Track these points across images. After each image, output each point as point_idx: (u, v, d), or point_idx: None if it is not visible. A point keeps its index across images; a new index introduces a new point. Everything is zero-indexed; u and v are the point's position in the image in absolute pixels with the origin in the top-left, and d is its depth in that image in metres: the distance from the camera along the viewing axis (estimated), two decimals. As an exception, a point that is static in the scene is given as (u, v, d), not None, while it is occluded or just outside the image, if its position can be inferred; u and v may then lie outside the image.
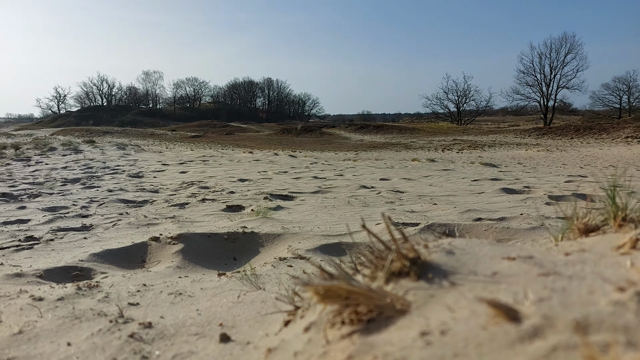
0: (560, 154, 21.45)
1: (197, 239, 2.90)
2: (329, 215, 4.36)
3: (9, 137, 37.90)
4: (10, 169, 11.65)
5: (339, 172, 10.42)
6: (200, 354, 0.95)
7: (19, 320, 1.26)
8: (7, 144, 20.92)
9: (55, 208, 5.36)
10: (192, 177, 9.49)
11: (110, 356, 0.98)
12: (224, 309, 1.30)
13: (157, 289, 1.70)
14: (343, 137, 38.92)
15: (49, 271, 2.23)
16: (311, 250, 2.59)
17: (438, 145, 28.81)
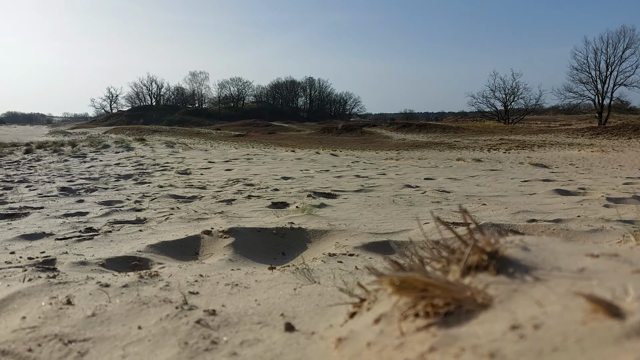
0: (616, 154, 20.26)
1: (247, 234, 2.96)
2: (374, 213, 4.33)
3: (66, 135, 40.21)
4: (68, 165, 12.35)
5: (381, 171, 10.33)
6: (267, 342, 0.97)
7: (91, 304, 1.32)
8: (65, 141, 22.20)
9: (110, 202, 5.62)
10: (237, 174, 9.70)
11: (180, 340, 1.01)
12: (282, 301, 1.32)
13: (213, 280, 1.75)
14: (384, 136, 38.55)
15: (110, 260, 2.34)
16: (359, 248, 2.58)
17: (484, 144, 27.95)
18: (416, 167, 11.88)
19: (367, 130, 41.92)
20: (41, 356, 1.00)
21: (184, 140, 27.85)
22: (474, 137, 34.28)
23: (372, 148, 27.20)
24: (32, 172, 10.25)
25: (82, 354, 1.00)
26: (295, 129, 53.53)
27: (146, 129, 44.28)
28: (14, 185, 7.81)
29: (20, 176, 9.38)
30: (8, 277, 1.83)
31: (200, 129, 49.71)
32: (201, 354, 0.93)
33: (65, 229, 3.72)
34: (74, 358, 0.99)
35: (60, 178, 8.98)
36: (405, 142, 32.13)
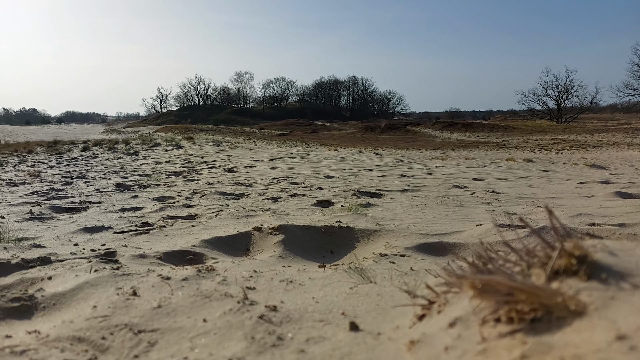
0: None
1: (296, 231, 2.98)
2: (422, 214, 4.24)
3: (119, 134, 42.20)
4: (122, 162, 12.94)
5: (427, 171, 10.13)
6: (332, 340, 0.96)
7: (155, 296, 1.37)
8: (119, 139, 23.30)
9: (163, 198, 5.83)
10: (281, 173, 9.81)
11: (247, 334, 1.02)
12: (340, 299, 1.31)
13: (267, 276, 1.77)
14: (429, 135, 37.80)
15: (167, 254, 2.42)
16: (410, 249, 2.53)
17: (534, 144, 26.80)
18: (463, 167, 11.56)
19: (411, 129, 41.28)
20: (114, 345, 1.04)
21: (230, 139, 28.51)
22: (524, 137, 32.95)
23: (416, 147, 26.75)
24: (89, 169, 10.83)
25: (152, 344, 1.04)
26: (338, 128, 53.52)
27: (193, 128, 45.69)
28: (73, 180, 8.28)
29: (78, 172, 9.93)
30: (75, 268, 1.93)
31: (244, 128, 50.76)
32: (269, 349, 0.94)
33: (122, 223, 3.89)
34: (144, 348, 1.02)
35: (115, 174, 9.42)
36: (451, 142, 31.36)
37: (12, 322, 1.31)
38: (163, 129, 47.09)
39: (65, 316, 1.28)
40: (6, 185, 7.37)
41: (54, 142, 19.07)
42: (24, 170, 10.27)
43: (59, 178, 8.65)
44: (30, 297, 1.44)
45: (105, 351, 1.02)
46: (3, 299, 1.40)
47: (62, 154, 15.67)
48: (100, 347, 1.04)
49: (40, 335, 1.09)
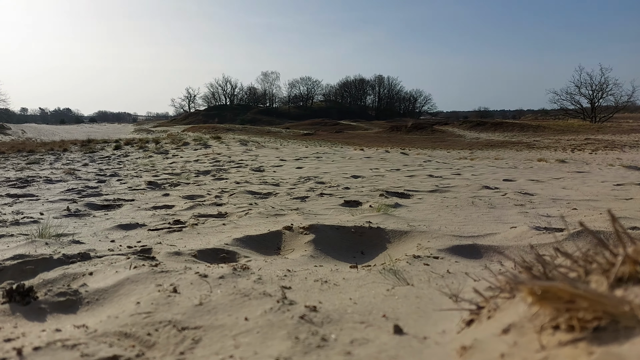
0: None
1: (326, 231, 2.97)
2: (453, 215, 4.17)
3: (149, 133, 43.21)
4: (153, 160, 13.24)
5: (455, 171, 9.97)
6: (376, 342, 0.96)
7: (195, 294, 1.39)
8: (149, 138, 23.86)
9: (193, 196, 5.93)
10: (307, 172, 9.84)
11: (290, 334, 1.03)
12: (378, 301, 1.30)
13: (301, 275, 1.77)
14: (456, 134, 37.19)
15: (201, 252, 2.46)
16: (443, 250, 2.49)
17: (567, 144, 26.01)
18: (493, 168, 11.32)
19: (438, 128, 40.71)
20: (159, 341, 1.06)
21: (256, 139, 28.77)
22: (555, 137, 32.03)
23: (443, 147, 26.36)
24: (121, 167, 11.12)
25: (196, 341, 1.05)
26: (363, 127, 53.28)
27: (221, 127, 46.33)
28: (107, 178, 8.52)
29: (111, 170, 10.22)
30: (114, 264, 1.98)
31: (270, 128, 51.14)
32: (314, 350, 0.94)
33: (156, 220, 3.97)
34: (189, 344, 1.04)
35: (146, 173, 9.64)
36: (479, 141, 30.77)
37: (59, 316, 1.35)
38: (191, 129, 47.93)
39: (110, 311, 1.31)
40: (44, 183, 7.65)
41: (87, 141, 19.68)
42: (60, 168, 10.64)
43: (93, 176, 8.92)
44: (75, 292, 1.49)
45: (152, 347, 1.04)
46: (50, 293, 1.46)
47: (95, 152, 16.16)
48: (147, 342, 1.06)
49: (89, 330, 1.13)
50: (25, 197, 5.86)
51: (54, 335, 1.09)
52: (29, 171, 9.98)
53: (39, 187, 7.00)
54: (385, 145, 25.27)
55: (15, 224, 3.78)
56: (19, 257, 2.33)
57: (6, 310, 1.34)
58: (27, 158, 13.84)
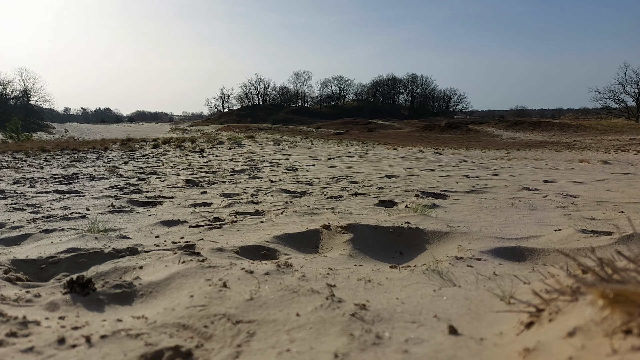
0: None
1: (364, 230, 2.98)
2: (493, 216, 4.08)
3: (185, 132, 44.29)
4: (189, 159, 13.57)
5: (492, 172, 9.73)
6: (431, 342, 0.96)
7: (244, 289, 1.43)
8: (185, 138, 24.45)
9: (230, 194, 6.05)
10: (340, 172, 9.85)
11: (343, 330, 1.04)
12: (425, 301, 1.29)
13: (343, 274, 1.78)
14: (492, 134, 36.30)
15: (242, 248, 2.51)
16: (485, 252, 2.45)
17: (610, 145, 24.92)
18: (532, 168, 10.99)
19: (472, 127, 39.86)
20: (216, 333, 1.10)
21: (288, 138, 29.01)
22: (597, 137, 30.75)
23: (478, 147, 25.78)
24: (159, 165, 11.46)
25: (251, 334, 1.08)
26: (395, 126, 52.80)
27: (253, 127, 46.95)
28: (146, 176, 8.80)
29: (150, 168, 10.54)
30: (162, 259, 2.05)
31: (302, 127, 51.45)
32: (370, 347, 0.95)
33: (196, 217, 4.08)
34: (245, 338, 1.07)
35: (184, 171, 9.90)
36: (516, 141, 29.93)
37: (116, 307, 1.42)
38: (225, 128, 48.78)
39: (164, 304, 1.37)
40: (88, 180, 7.98)
41: (127, 139, 20.36)
42: (102, 166, 11.07)
43: (133, 174, 9.24)
44: (130, 284, 1.56)
45: (209, 339, 1.08)
46: (107, 285, 1.53)
47: (134, 151, 16.71)
48: (204, 334, 1.10)
49: (148, 321, 1.18)
50: (72, 194, 6.13)
51: (117, 325, 1.15)
52: (73, 169, 10.43)
53: (84, 184, 7.31)
54: (418, 145, 24.96)
55: (64, 219, 3.96)
56: (72, 250, 2.44)
57: (68, 300, 1.41)
58: (70, 156, 14.46)
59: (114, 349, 0.99)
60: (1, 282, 1.88)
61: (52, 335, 1.05)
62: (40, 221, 3.85)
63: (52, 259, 2.27)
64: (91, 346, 1.01)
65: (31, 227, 3.54)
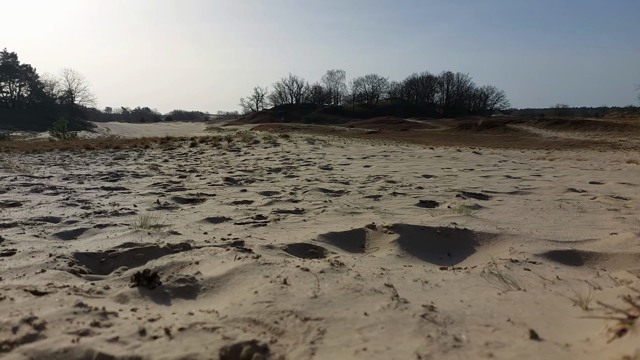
0: None
1: (411, 231, 2.95)
2: (541, 218, 3.96)
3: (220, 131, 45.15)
4: (227, 158, 13.82)
5: (535, 172, 9.43)
6: (513, 347, 0.94)
7: (304, 286, 1.44)
8: (222, 137, 24.92)
9: (269, 193, 6.12)
10: (376, 171, 9.78)
11: (417, 332, 1.04)
12: (493, 304, 1.27)
13: (397, 274, 1.77)
14: (531, 133, 35.18)
15: (290, 246, 2.54)
16: (540, 256, 2.37)
17: (660, 145, 23.66)
18: (576, 169, 10.58)
19: (511, 127, 38.76)
20: (287, 329, 1.12)
21: (321, 137, 29.07)
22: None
23: (517, 146, 25.04)
24: (198, 164, 11.72)
25: (322, 331, 1.09)
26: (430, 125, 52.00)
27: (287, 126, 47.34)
28: (187, 174, 9.02)
29: (190, 166, 10.80)
30: (217, 255, 2.10)
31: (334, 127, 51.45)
32: (452, 349, 0.94)
33: (239, 215, 4.15)
34: (316, 335, 1.08)
35: (222, 169, 10.09)
36: (557, 141, 28.89)
37: (181, 301, 1.47)
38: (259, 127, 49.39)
39: (228, 298, 1.40)
40: (132, 177, 8.26)
41: (166, 138, 20.95)
42: (144, 164, 11.43)
43: (174, 171, 9.49)
44: (192, 279, 1.60)
45: (282, 335, 1.09)
46: (171, 280, 1.58)
47: (173, 149, 17.17)
48: (276, 330, 1.12)
49: (219, 315, 1.21)
50: (118, 190, 6.36)
51: (190, 319, 1.18)
52: (117, 166, 10.82)
53: (129, 181, 7.57)
54: (454, 144, 24.48)
55: (115, 215, 4.12)
56: (128, 245, 2.54)
57: (136, 292, 1.47)
58: (113, 154, 15.01)
59: (193, 342, 1.02)
60: (67, 274, 1.97)
61: (132, 326, 1.10)
62: (92, 216, 4.01)
63: (110, 252, 2.37)
64: (171, 338, 1.04)
65: (85, 222, 3.69)
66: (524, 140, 30.38)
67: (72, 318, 1.12)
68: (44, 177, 7.96)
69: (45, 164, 11.08)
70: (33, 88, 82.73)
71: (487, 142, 28.29)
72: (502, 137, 32.53)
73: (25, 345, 0.97)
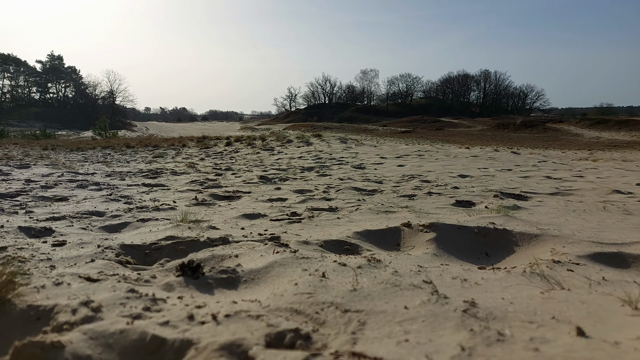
0: None
1: (447, 230, 2.91)
2: (583, 220, 3.82)
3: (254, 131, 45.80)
4: (260, 156, 14.01)
5: (576, 173, 9.08)
6: (559, 343, 0.93)
7: (343, 280, 1.47)
8: (256, 136, 25.28)
9: (302, 191, 6.17)
10: (410, 170, 9.68)
11: (459, 326, 1.04)
12: (536, 303, 1.25)
13: (435, 272, 1.76)
14: (572, 133, 33.88)
15: (326, 242, 2.56)
16: (584, 257, 2.30)
17: None
18: (620, 170, 10.11)
19: (550, 126, 37.47)
20: (328, 319, 1.14)
21: (353, 137, 29.00)
22: (699, 136, 27.65)
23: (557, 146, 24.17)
24: (233, 162, 11.94)
25: (362, 323, 1.11)
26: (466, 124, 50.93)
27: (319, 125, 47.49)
28: (222, 172, 9.22)
29: (225, 165, 11.03)
30: (255, 249, 2.15)
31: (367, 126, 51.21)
32: (495, 343, 0.94)
33: (274, 212, 4.21)
34: (357, 326, 1.10)
35: (256, 168, 10.24)
36: (600, 141, 27.69)
37: (224, 291, 1.52)
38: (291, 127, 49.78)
39: (269, 290, 1.44)
40: (170, 175, 8.52)
41: (202, 137, 21.44)
42: (181, 162, 11.76)
43: (210, 169, 9.72)
44: (233, 270, 1.65)
45: (323, 324, 1.12)
46: (213, 271, 1.64)
47: (209, 148, 17.56)
48: (317, 320, 1.14)
49: (262, 304, 1.25)
50: (158, 187, 6.58)
51: (234, 307, 1.23)
52: (156, 164, 11.17)
53: (168, 178, 7.81)
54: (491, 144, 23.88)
55: (156, 210, 4.27)
56: (170, 238, 2.63)
57: (181, 282, 1.53)
58: (152, 152, 15.49)
59: (239, 328, 1.06)
60: (115, 264, 2.07)
61: (181, 312, 1.15)
62: (135, 211, 4.17)
63: (154, 245, 2.47)
64: (218, 324, 1.09)
65: (128, 216, 3.85)
66: (565, 140, 29.30)
67: (125, 302, 1.19)
68: (88, 173, 8.33)
69: (89, 161, 11.59)
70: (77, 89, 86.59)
71: (525, 142, 27.45)
72: (541, 137, 31.49)
73: (84, 326, 1.03)
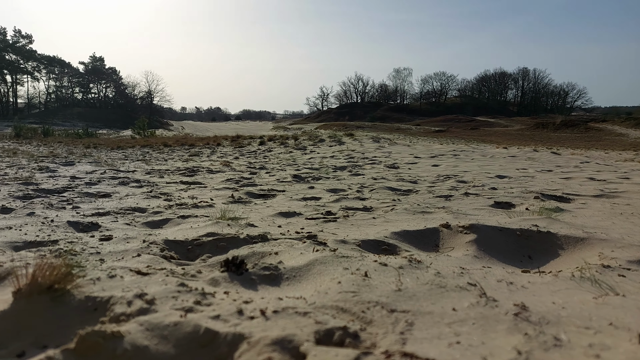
0: None
1: (488, 231, 2.85)
2: (631, 224, 3.65)
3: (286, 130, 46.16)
4: (293, 156, 14.11)
5: (622, 175, 8.68)
6: (621, 350, 0.90)
7: (385, 280, 1.46)
8: (288, 135, 25.47)
9: (336, 190, 6.18)
10: (445, 170, 9.52)
11: (512, 329, 1.02)
12: (589, 308, 1.21)
13: (478, 274, 1.73)
14: (617, 133, 32.40)
15: (363, 242, 2.56)
16: (635, 262, 2.20)
17: None
18: (672, 172, 9.59)
19: (593, 126, 35.97)
20: (375, 319, 1.15)
21: (386, 136, 28.75)
22: None
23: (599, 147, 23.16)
24: (267, 161, 12.09)
25: (410, 323, 1.11)
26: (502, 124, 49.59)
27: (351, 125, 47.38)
28: (257, 171, 9.34)
29: (259, 164, 11.17)
30: (294, 246, 2.17)
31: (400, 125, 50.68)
32: (553, 348, 0.92)
33: (309, 210, 4.24)
34: (405, 326, 1.10)
35: (289, 167, 10.33)
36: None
37: (267, 287, 1.54)
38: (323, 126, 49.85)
39: (312, 287, 1.45)
40: (206, 173, 8.71)
41: (236, 136, 21.80)
42: (216, 160, 11.99)
43: (245, 168, 9.87)
44: (276, 267, 1.68)
45: (370, 324, 1.12)
46: (256, 267, 1.67)
47: (243, 147, 17.83)
48: (364, 319, 1.15)
49: (308, 302, 1.27)
50: (195, 185, 6.74)
51: (280, 303, 1.25)
52: (192, 162, 11.44)
53: (204, 176, 7.99)
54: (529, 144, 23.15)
55: (195, 207, 4.38)
56: (211, 234, 2.70)
57: (226, 277, 1.57)
58: (188, 151, 15.87)
59: (288, 324, 1.08)
60: (160, 258, 2.14)
61: (230, 306, 1.18)
62: (175, 208, 4.29)
63: (196, 241, 2.53)
64: (267, 319, 1.11)
65: (169, 213, 3.96)
66: (608, 140, 28.05)
67: (176, 296, 1.23)
68: (129, 171, 8.63)
69: (129, 159, 11.99)
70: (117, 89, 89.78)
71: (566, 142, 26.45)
72: (582, 137, 30.28)
73: (140, 317, 1.08)
